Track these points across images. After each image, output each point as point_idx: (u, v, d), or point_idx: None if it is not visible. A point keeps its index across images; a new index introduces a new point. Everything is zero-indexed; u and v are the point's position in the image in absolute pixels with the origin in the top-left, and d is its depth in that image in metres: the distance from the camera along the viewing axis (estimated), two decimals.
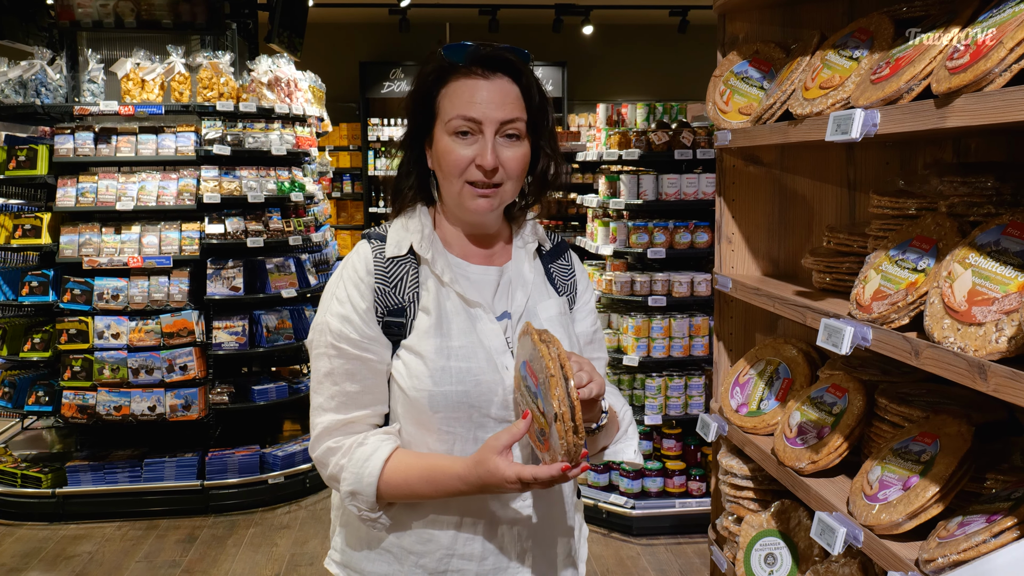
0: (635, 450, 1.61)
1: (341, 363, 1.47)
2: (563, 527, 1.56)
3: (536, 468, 1.31)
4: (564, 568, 1.57)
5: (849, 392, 1.87)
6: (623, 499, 4.41)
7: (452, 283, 1.47)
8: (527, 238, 1.59)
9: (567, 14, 9.83)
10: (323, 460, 1.50)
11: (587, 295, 1.65)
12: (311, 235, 5.20)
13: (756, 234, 2.40)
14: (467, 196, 1.45)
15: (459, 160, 1.43)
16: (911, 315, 1.53)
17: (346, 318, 1.46)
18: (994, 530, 1.31)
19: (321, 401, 1.50)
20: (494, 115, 1.42)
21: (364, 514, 1.47)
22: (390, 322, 1.46)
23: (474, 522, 1.47)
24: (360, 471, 1.44)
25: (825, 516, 1.67)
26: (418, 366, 1.44)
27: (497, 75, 1.44)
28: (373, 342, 1.46)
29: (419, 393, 1.43)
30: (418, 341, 1.45)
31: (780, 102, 1.97)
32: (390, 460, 1.44)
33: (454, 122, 1.42)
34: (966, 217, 1.58)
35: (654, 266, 4.61)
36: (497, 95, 1.43)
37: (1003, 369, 1.24)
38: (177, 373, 4.63)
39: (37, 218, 4.67)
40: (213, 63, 4.76)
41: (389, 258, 1.49)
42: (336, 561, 1.59)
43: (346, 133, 9.78)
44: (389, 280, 1.47)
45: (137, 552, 4.27)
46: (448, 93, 1.45)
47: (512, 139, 1.45)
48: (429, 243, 1.49)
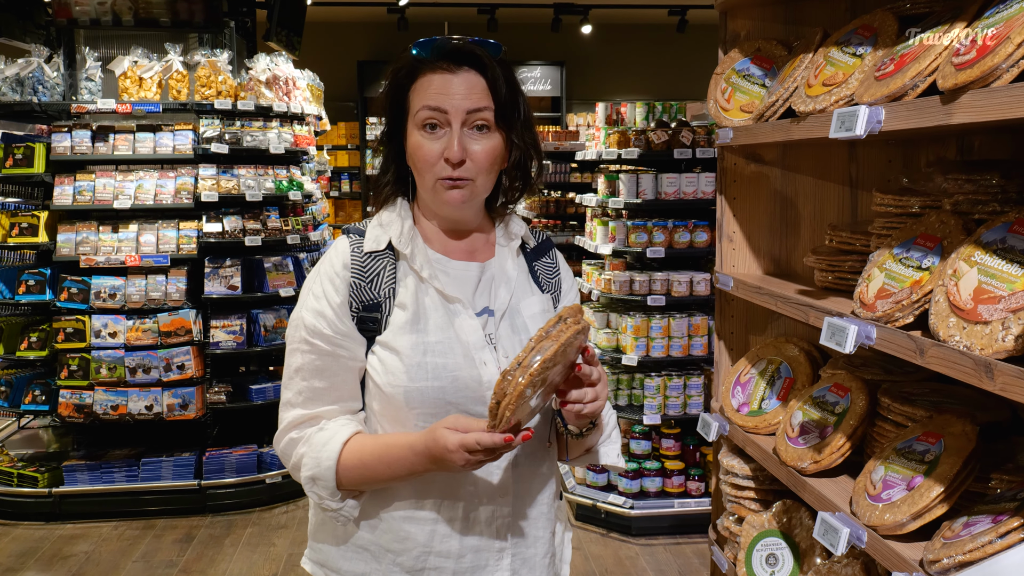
0: (617, 454, 1.62)
1: (312, 359, 1.47)
2: (543, 527, 1.54)
3: (479, 434, 1.30)
4: (546, 568, 1.55)
5: (852, 391, 1.86)
6: (622, 499, 4.40)
7: (431, 279, 1.47)
8: (511, 235, 1.58)
9: (566, 13, 9.83)
10: (286, 452, 1.51)
11: (572, 294, 1.65)
12: (309, 234, 5.18)
13: (757, 233, 2.38)
14: (440, 189, 1.45)
15: (429, 154, 1.43)
16: (916, 314, 1.52)
17: (320, 313, 1.46)
18: (1000, 531, 1.30)
19: (290, 396, 1.50)
20: (459, 104, 1.42)
21: (326, 503, 1.46)
22: (365, 317, 1.46)
23: (451, 519, 1.46)
24: (319, 455, 1.44)
25: (828, 516, 1.66)
26: (393, 362, 1.43)
27: (463, 68, 1.44)
28: (346, 338, 1.46)
29: (395, 389, 1.42)
30: (393, 337, 1.44)
31: (782, 99, 1.95)
32: (348, 443, 1.44)
33: (421, 114, 1.43)
34: (971, 215, 1.57)
35: (653, 265, 4.60)
36: (463, 87, 1.43)
37: (1010, 368, 1.22)
38: (174, 372, 4.61)
39: (34, 216, 4.65)
40: (211, 61, 4.74)
41: (367, 253, 1.48)
42: (313, 560, 1.58)
43: (344, 132, 9.77)
44: (365, 275, 1.47)
45: (134, 552, 4.25)
46: (417, 88, 1.45)
47: (481, 131, 1.44)
48: (409, 238, 1.49)
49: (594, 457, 1.60)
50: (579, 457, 1.59)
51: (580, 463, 1.62)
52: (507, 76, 1.46)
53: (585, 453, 1.59)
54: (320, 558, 1.56)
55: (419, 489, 1.46)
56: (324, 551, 1.55)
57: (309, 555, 1.59)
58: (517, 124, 1.48)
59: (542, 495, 1.55)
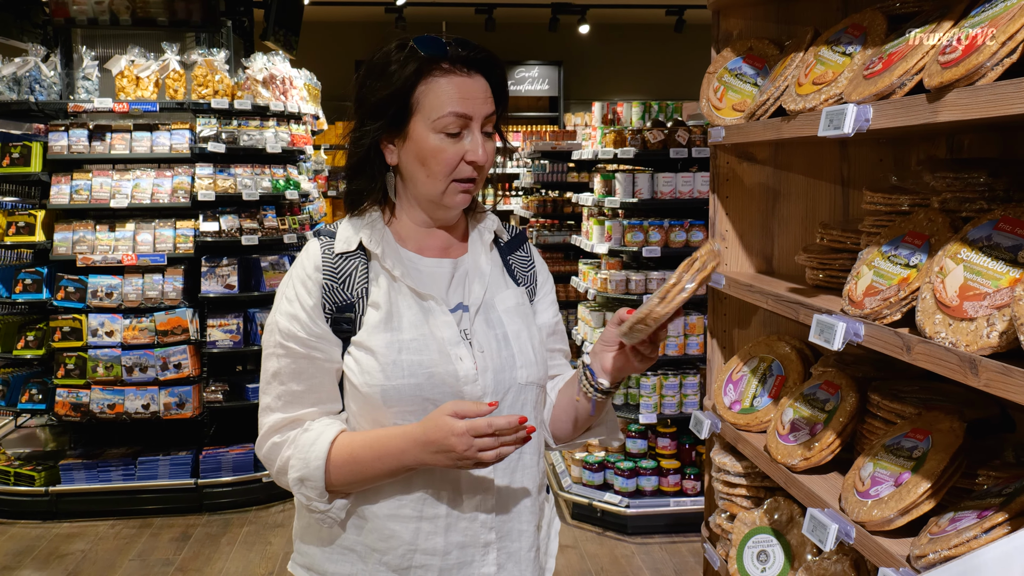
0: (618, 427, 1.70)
1: (288, 362, 1.47)
2: (527, 520, 1.55)
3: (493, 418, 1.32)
4: (532, 562, 1.56)
5: (842, 389, 1.87)
6: (618, 498, 4.41)
7: (403, 277, 1.47)
8: (484, 230, 1.59)
9: (563, 13, 9.84)
10: (270, 456, 1.51)
11: (547, 286, 1.66)
12: (306, 233, 5.19)
13: (750, 231, 2.39)
14: (451, 192, 1.46)
15: (451, 158, 1.43)
16: (903, 311, 1.53)
17: (294, 316, 1.46)
18: (985, 526, 1.31)
19: (269, 401, 1.50)
20: (481, 110, 1.44)
21: (314, 504, 1.46)
22: (339, 318, 1.46)
23: (435, 516, 1.46)
24: (307, 455, 1.44)
25: (817, 513, 1.66)
26: (369, 361, 1.43)
27: (475, 72, 1.46)
28: (321, 340, 1.46)
29: (372, 388, 1.43)
30: (368, 336, 1.44)
31: (773, 98, 1.96)
32: (336, 440, 1.45)
33: (445, 119, 1.42)
34: (958, 213, 1.58)
35: (649, 265, 4.61)
36: (481, 92, 1.45)
37: (994, 364, 1.23)
38: (171, 371, 4.62)
39: (31, 215, 4.65)
40: (208, 60, 4.75)
41: (338, 254, 1.48)
42: (300, 564, 1.57)
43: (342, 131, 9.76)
44: (337, 276, 1.47)
45: (130, 550, 4.26)
46: (431, 90, 1.43)
47: (488, 135, 1.47)
48: (379, 238, 1.49)
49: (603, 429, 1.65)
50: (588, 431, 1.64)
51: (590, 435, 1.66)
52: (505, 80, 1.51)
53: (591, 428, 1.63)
54: (307, 561, 1.56)
55: (403, 487, 1.46)
56: (310, 554, 1.55)
57: (296, 559, 1.59)
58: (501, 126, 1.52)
59: (526, 489, 1.55)
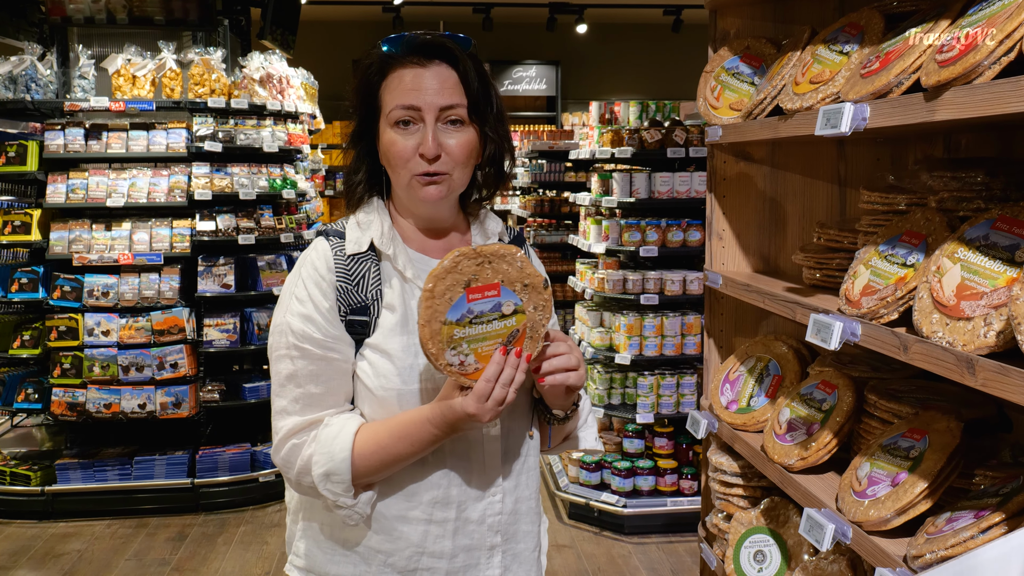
0: (595, 437, 1.64)
1: (304, 364, 1.43)
2: (531, 521, 1.55)
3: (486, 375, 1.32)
4: (531, 560, 1.56)
5: (839, 389, 1.87)
6: (615, 497, 4.40)
7: (415, 278, 1.45)
8: (487, 232, 1.58)
9: (561, 13, 9.83)
10: (290, 459, 1.45)
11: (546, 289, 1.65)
12: (303, 232, 5.18)
13: (747, 231, 2.39)
14: (416, 186, 1.43)
15: (403, 151, 1.42)
16: (900, 310, 1.53)
17: (308, 318, 1.43)
18: (982, 526, 1.30)
19: (284, 404, 1.46)
20: (433, 101, 1.41)
21: (341, 500, 1.41)
22: (353, 321, 1.43)
23: (444, 520, 1.45)
24: (331, 449, 1.40)
25: (814, 512, 1.66)
26: (385, 365, 1.42)
27: (435, 62, 1.43)
28: (338, 341, 1.43)
29: (388, 392, 1.41)
30: (384, 339, 1.42)
31: (770, 97, 1.96)
32: (359, 432, 1.42)
33: (395, 112, 1.41)
34: (955, 212, 1.58)
35: (646, 264, 4.61)
36: (435, 81, 1.42)
37: (991, 363, 1.23)
38: (168, 371, 4.61)
39: (27, 214, 4.64)
40: (205, 59, 4.74)
41: (349, 255, 1.46)
42: (298, 566, 1.54)
43: (339, 131, 9.75)
44: (351, 278, 1.45)
45: (127, 550, 4.25)
46: (388, 85, 1.44)
47: (455, 125, 1.43)
48: (390, 239, 1.47)
49: (574, 443, 1.62)
50: (559, 445, 1.61)
51: (560, 450, 1.63)
52: (478, 69, 1.46)
53: (564, 441, 1.60)
54: (306, 564, 1.53)
55: (413, 489, 1.45)
56: (309, 556, 1.52)
57: (294, 561, 1.56)
58: (490, 117, 1.47)
59: (530, 490, 1.55)
